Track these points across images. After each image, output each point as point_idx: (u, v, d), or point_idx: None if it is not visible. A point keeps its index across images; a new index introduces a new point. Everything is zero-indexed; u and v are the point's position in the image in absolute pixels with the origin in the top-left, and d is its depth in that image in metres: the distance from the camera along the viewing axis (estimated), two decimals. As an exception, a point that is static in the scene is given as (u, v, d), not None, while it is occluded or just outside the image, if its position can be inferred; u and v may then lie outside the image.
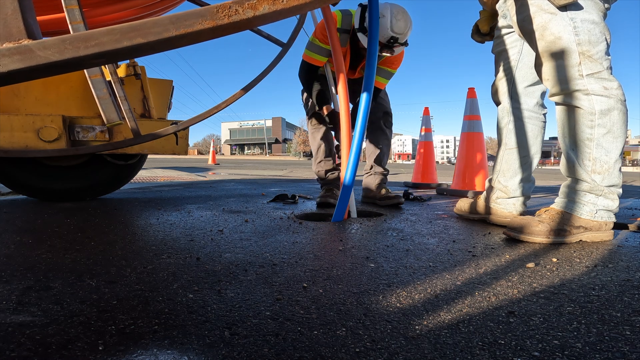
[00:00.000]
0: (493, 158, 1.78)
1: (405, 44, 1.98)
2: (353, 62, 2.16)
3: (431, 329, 0.64)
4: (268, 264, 1.00)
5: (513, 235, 1.32)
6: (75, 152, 1.88)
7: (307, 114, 2.32)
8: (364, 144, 2.00)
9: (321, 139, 2.23)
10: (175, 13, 0.61)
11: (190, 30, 0.61)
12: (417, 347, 0.59)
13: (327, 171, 2.24)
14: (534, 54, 1.39)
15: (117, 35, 0.58)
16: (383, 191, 2.25)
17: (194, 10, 0.61)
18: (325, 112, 2.13)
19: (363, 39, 1.94)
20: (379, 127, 2.30)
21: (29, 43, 0.57)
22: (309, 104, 2.27)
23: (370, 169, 2.35)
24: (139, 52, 0.63)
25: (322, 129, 2.24)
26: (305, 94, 2.32)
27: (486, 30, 1.71)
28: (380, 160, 2.33)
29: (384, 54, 1.95)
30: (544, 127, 1.62)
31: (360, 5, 1.95)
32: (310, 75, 2.15)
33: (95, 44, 0.58)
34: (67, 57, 0.57)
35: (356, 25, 1.95)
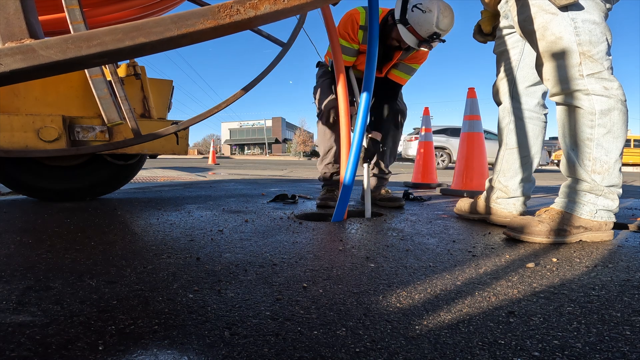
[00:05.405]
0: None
1: (443, 40, 1.89)
2: (380, 61, 2.04)
3: (431, 329, 0.64)
4: (268, 264, 1.00)
5: (513, 235, 1.32)
6: (75, 152, 1.88)
7: (319, 114, 2.23)
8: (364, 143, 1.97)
9: (335, 141, 2.18)
10: (177, 13, 0.61)
11: (192, 30, 0.60)
12: (417, 347, 0.59)
13: (332, 173, 2.23)
14: (535, 54, 1.39)
15: (120, 34, 0.58)
16: (383, 192, 2.25)
17: (196, 10, 0.61)
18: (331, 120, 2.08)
19: (405, 34, 1.81)
20: (389, 126, 2.23)
21: (31, 42, 0.56)
22: (323, 105, 2.18)
23: (372, 169, 2.34)
24: (141, 52, 0.63)
25: (336, 132, 2.18)
26: (318, 94, 2.23)
27: (489, 30, 1.71)
28: (383, 161, 2.31)
29: (422, 48, 1.87)
30: (545, 127, 1.62)
31: None
32: (333, 79, 2.03)
33: (97, 43, 0.58)
34: (70, 56, 0.57)
35: (396, 16, 1.84)
